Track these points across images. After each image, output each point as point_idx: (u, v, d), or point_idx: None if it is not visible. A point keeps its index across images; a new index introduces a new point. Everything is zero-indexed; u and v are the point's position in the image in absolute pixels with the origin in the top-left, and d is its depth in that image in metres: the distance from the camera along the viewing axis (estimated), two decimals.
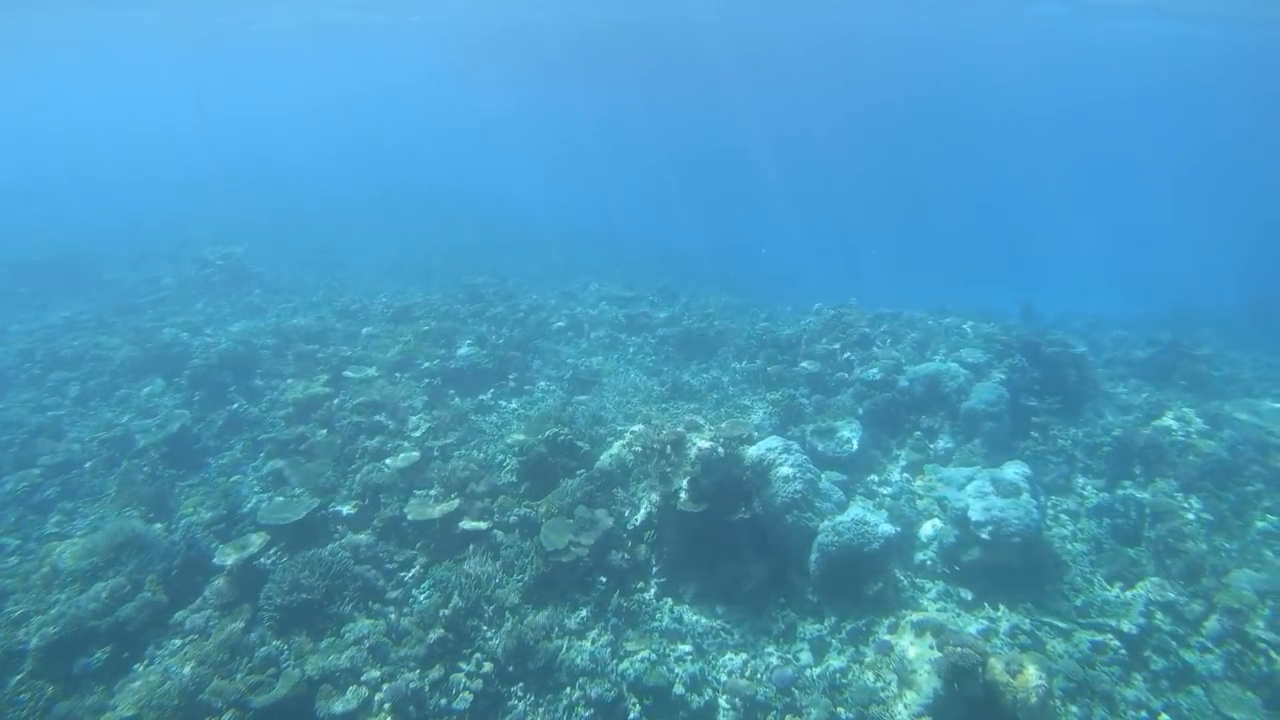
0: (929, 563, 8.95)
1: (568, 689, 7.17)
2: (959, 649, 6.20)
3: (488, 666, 7.16)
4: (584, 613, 7.94)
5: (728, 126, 78.36)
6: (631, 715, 6.99)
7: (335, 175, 45.24)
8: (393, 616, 7.82)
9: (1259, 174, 58.08)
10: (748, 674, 7.34)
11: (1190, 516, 9.69)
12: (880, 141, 72.70)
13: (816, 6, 34.92)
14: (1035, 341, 12.57)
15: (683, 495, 8.05)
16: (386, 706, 6.75)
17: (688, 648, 7.64)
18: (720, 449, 8.09)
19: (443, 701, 6.89)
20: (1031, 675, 6.31)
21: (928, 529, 9.13)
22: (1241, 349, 18.94)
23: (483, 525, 8.62)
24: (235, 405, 12.37)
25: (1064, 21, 35.75)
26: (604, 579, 8.20)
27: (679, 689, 7.17)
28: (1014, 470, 8.98)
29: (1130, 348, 15.92)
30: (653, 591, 8.27)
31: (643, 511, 8.67)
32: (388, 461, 9.75)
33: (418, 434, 10.50)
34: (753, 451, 8.90)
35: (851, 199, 54.56)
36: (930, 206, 54.01)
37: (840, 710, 6.68)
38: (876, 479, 10.18)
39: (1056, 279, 36.52)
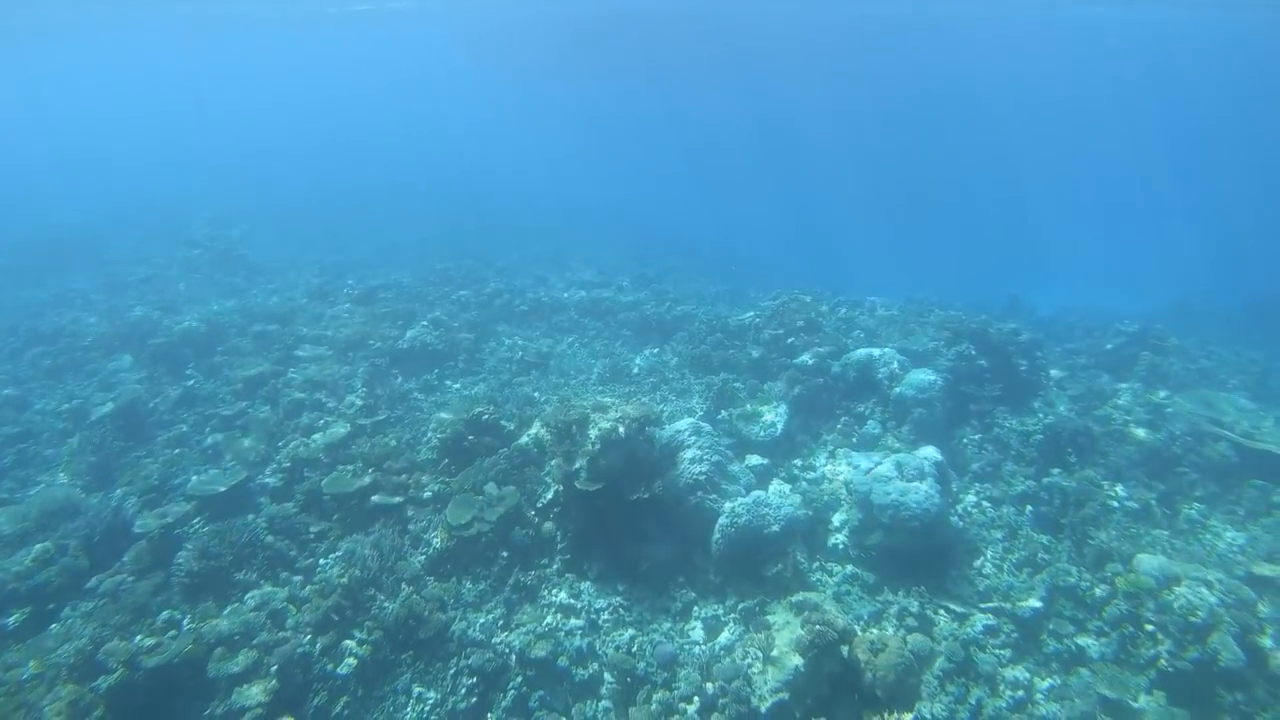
0: (841, 546, 9.00)
1: (455, 658, 7.37)
2: (818, 627, 6.28)
3: (378, 634, 7.38)
4: (482, 586, 8.14)
5: (736, 117, 77.80)
6: (512, 685, 7.17)
7: (345, 165, 45.71)
8: (298, 584, 8.07)
9: (1272, 166, 56.54)
10: (633, 649, 7.49)
11: (1114, 504, 9.65)
12: (888, 133, 71.68)
13: None
14: (983, 329, 12.48)
15: (582, 474, 8.18)
16: (274, 669, 6.99)
17: (580, 623, 7.79)
18: (621, 429, 8.20)
19: (329, 666, 7.13)
20: (893, 654, 6.38)
21: (841, 513, 9.18)
22: (1242, 345, 18.66)
23: (395, 500, 8.84)
24: (191, 381, 12.72)
25: (1070, 8, 34.96)
26: (506, 554, 8.38)
27: (563, 662, 7.34)
28: (922, 455, 8.99)
29: (1098, 338, 15.75)
30: (555, 568, 8.42)
31: (552, 490, 8.83)
32: (315, 437, 10.00)
33: (351, 411, 10.74)
34: (664, 433, 9.01)
35: (859, 191, 53.97)
36: (940, 199, 53.31)
37: (708, 685, 6.81)
38: (800, 463, 10.22)
39: (1070, 274, 35.89)
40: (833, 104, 73.60)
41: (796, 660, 6.47)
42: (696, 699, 6.74)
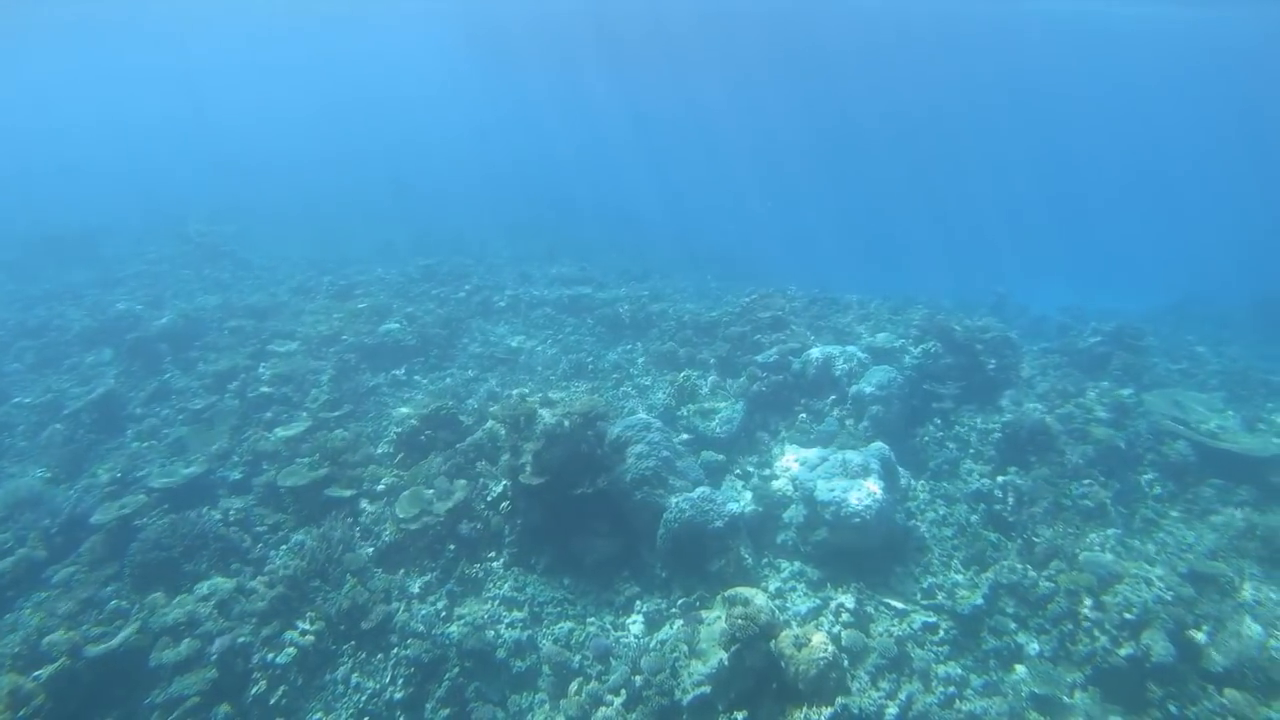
0: (789, 542, 9.05)
1: (396, 649, 7.49)
2: (739, 620, 6.36)
3: (319, 625, 7.52)
4: (428, 578, 8.26)
5: (742, 115, 77.58)
6: (448, 676, 7.28)
7: (347, 163, 45.84)
8: (248, 575, 8.21)
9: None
10: (570, 642, 7.59)
11: (1067, 503, 9.65)
12: (894, 130, 71.29)
13: None
14: (949, 327, 12.48)
15: (527, 468, 8.28)
16: (214, 658, 7.13)
17: (521, 615, 7.90)
18: (566, 423, 8.29)
19: (269, 656, 7.27)
20: (816, 648, 6.45)
21: (791, 509, 9.23)
22: (1238, 345, 18.59)
23: (348, 493, 8.96)
24: (167, 375, 12.90)
25: (1085, 4, 34.70)
26: (453, 547, 8.49)
27: (502, 653, 7.46)
28: (869, 452, 9.03)
29: (1074, 337, 15.69)
30: (502, 561, 8.53)
31: (502, 484, 8.93)
32: (277, 430, 10.15)
33: (315, 406, 10.88)
34: (614, 428, 9.09)
35: (864, 189, 53.78)
36: (946, 199, 53.01)
37: (636, 678, 6.89)
38: (756, 459, 10.28)
39: (1083, 275, 35.53)
40: (839, 103, 73.36)
41: (720, 654, 6.55)
42: (624, 691, 6.83)
